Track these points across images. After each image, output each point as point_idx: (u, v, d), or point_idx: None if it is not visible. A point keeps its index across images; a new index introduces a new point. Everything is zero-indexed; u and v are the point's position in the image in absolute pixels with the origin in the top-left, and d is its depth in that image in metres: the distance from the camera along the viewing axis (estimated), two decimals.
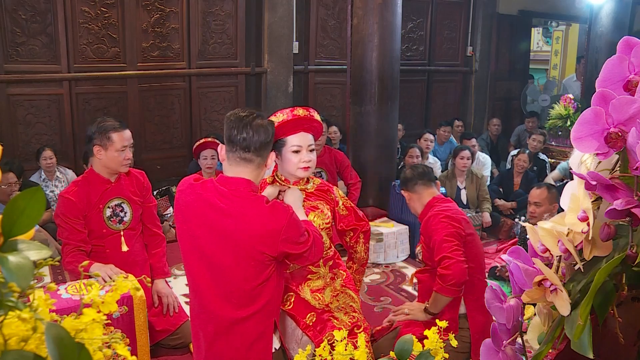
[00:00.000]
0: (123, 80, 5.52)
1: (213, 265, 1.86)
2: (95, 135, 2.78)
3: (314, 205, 2.24)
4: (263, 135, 1.83)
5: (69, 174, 5.00)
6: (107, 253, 2.83)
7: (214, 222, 1.82)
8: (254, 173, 1.87)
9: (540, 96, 8.15)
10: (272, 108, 6.09)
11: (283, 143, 2.12)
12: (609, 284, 0.79)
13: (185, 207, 1.88)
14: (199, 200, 1.85)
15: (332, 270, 2.26)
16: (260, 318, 1.90)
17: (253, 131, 1.81)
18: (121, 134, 2.80)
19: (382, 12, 4.75)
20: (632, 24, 6.80)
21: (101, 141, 2.77)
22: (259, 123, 1.83)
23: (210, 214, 1.82)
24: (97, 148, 2.78)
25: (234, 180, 1.84)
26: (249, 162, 1.84)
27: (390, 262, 4.53)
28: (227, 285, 1.86)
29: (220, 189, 1.83)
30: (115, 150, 2.77)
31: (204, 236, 1.85)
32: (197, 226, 1.85)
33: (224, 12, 5.92)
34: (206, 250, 1.85)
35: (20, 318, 0.67)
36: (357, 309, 2.29)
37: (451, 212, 2.56)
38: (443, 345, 1.24)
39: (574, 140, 0.81)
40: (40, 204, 0.70)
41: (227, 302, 1.87)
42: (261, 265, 1.83)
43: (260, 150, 1.84)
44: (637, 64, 0.80)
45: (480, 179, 5.23)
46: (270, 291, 1.90)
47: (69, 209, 2.75)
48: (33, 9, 4.99)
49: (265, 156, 1.87)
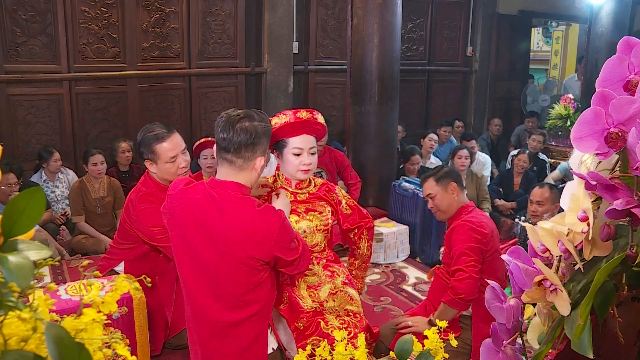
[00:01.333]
0: (123, 80, 5.52)
1: (205, 269, 1.83)
2: (142, 148, 2.60)
3: (313, 207, 2.24)
4: (243, 137, 1.78)
5: (70, 175, 5.01)
6: (160, 258, 2.79)
7: (205, 226, 1.80)
8: (241, 175, 1.83)
9: (540, 96, 8.15)
10: (272, 108, 6.09)
11: (284, 144, 2.12)
12: (609, 284, 0.79)
13: (177, 211, 1.86)
14: (190, 204, 1.82)
15: (328, 269, 2.26)
16: (255, 322, 1.88)
17: (233, 132, 1.78)
18: (166, 144, 2.57)
19: (382, 12, 4.75)
20: (632, 24, 6.80)
21: (150, 155, 2.58)
22: (242, 125, 1.79)
23: (202, 218, 1.80)
24: (147, 162, 2.60)
25: (224, 184, 1.81)
26: (230, 163, 1.81)
27: (390, 262, 4.53)
28: (219, 288, 1.84)
29: (211, 192, 1.81)
30: (164, 162, 2.57)
31: (196, 240, 1.82)
32: (189, 230, 1.83)
33: (224, 12, 5.92)
34: (198, 254, 1.83)
35: (20, 318, 0.67)
36: (353, 311, 2.26)
37: (478, 225, 2.51)
38: (443, 345, 1.24)
39: (574, 140, 0.81)
40: (40, 204, 0.70)
41: (220, 305, 1.85)
42: (253, 270, 1.81)
43: (240, 152, 1.79)
44: (637, 64, 0.80)
45: (480, 179, 5.23)
46: (264, 296, 1.87)
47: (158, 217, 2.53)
48: (33, 9, 4.99)
49: (249, 158, 1.81)
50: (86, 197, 4.57)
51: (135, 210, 2.66)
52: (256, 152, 1.83)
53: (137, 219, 2.66)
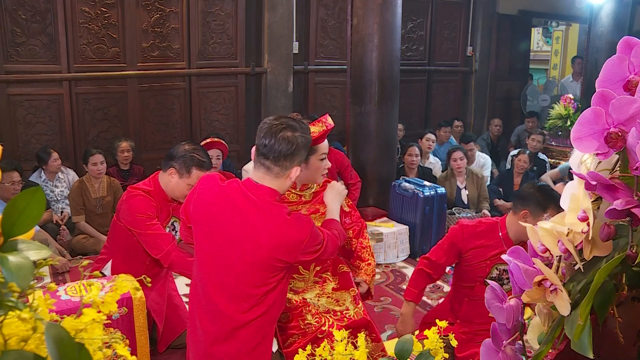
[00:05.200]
0: (123, 80, 5.52)
1: (225, 267, 1.86)
2: (178, 160, 2.70)
3: (316, 208, 2.26)
4: (285, 146, 1.82)
5: (70, 175, 5.00)
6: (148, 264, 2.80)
7: (234, 225, 1.84)
8: (276, 182, 1.87)
9: (540, 96, 8.14)
10: (272, 108, 6.09)
11: (314, 150, 2.17)
12: (609, 284, 0.79)
13: (209, 205, 1.89)
14: (225, 201, 1.86)
15: (319, 275, 2.27)
16: (263, 322, 1.90)
17: (275, 140, 1.82)
18: (202, 174, 2.71)
19: (382, 12, 4.75)
20: (632, 24, 6.80)
21: (180, 168, 2.69)
22: (285, 134, 1.82)
23: (233, 217, 1.84)
24: (172, 170, 2.70)
25: (259, 188, 1.85)
26: (267, 170, 1.86)
27: (390, 262, 4.53)
28: (235, 288, 1.86)
29: (246, 193, 1.85)
30: (187, 184, 2.69)
31: (222, 237, 1.85)
32: (218, 226, 1.86)
33: (224, 12, 5.91)
34: (221, 251, 1.86)
35: (20, 318, 0.66)
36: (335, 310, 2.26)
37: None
38: (443, 345, 1.24)
39: (574, 140, 0.81)
40: (40, 204, 0.70)
41: (232, 304, 1.87)
42: (275, 270, 1.86)
43: (279, 161, 1.84)
44: (637, 64, 0.80)
45: (481, 179, 5.24)
46: (275, 296, 1.91)
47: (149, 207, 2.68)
48: (33, 9, 4.99)
49: (286, 167, 1.86)
50: (86, 197, 4.57)
51: (126, 195, 2.73)
52: (294, 162, 1.87)
53: (125, 204, 2.71)
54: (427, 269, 2.57)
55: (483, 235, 2.48)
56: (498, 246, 2.44)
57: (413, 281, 2.61)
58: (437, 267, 2.57)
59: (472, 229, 2.50)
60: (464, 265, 2.53)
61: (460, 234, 2.50)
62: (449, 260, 2.57)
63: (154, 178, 2.80)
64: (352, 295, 2.33)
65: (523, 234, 2.36)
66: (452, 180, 5.20)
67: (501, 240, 2.45)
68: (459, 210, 5.07)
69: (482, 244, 2.46)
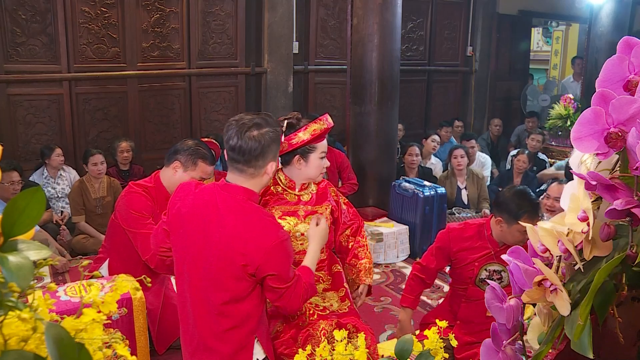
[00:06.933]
0: (123, 80, 5.52)
1: (198, 271, 1.81)
2: (184, 153, 2.73)
3: (314, 210, 2.26)
4: (253, 146, 1.75)
5: (72, 174, 5.00)
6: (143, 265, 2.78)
7: (209, 228, 1.77)
8: (251, 182, 1.80)
9: (540, 96, 8.15)
10: (272, 108, 6.09)
11: (314, 149, 2.17)
12: (609, 284, 0.79)
13: (186, 210, 1.84)
14: (202, 205, 1.81)
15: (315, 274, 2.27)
16: (240, 333, 1.82)
17: (242, 141, 1.74)
18: (207, 167, 2.76)
19: (382, 12, 4.75)
20: (632, 24, 6.81)
21: (185, 161, 2.72)
22: (251, 134, 1.75)
23: (208, 219, 1.78)
24: (177, 164, 2.73)
25: (232, 188, 1.79)
26: (241, 172, 1.79)
27: (390, 262, 4.53)
28: (207, 292, 1.80)
29: (218, 195, 1.79)
30: (190, 177, 2.69)
31: (198, 241, 1.80)
32: (194, 230, 1.81)
33: (224, 12, 5.92)
34: (196, 257, 1.81)
35: (20, 318, 0.66)
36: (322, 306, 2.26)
37: None
38: (443, 345, 1.24)
39: (574, 140, 0.81)
40: (40, 204, 0.70)
41: (206, 311, 1.81)
42: (244, 276, 1.75)
43: (251, 162, 1.77)
44: (637, 64, 0.80)
45: (481, 179, 5.23)
46: (249, 310, 1.81)
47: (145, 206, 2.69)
48: (33, 9, 4.99)
49: (260, 166, 1.79)
50: (86, 197, 4.57)
51: (125, 191, 2.76)
52: (267, 159, 1.80)
53: (122, 200, 2.75)
54: (420, 274, 2.60)
55: (469, 238, 2.50)
56: (485, 247, 2.46)
57: (408, 287, 2.64)
58: (429, 271, 2.59)
59: (459, 232, 2.52)
60: (455, 267, 2.56)
61: (446, 238, 2.53)
62: (440, 264, 2.59)
63: (155, 175, 2.82)
64: (339, 295, 2.33)
65: (505, 237, 2.39)
66: (453, 180, 5.20)
67: (487, 242, 2.46)
68: (459, 210, 5.07)
69: (470, 246, 2.48)
